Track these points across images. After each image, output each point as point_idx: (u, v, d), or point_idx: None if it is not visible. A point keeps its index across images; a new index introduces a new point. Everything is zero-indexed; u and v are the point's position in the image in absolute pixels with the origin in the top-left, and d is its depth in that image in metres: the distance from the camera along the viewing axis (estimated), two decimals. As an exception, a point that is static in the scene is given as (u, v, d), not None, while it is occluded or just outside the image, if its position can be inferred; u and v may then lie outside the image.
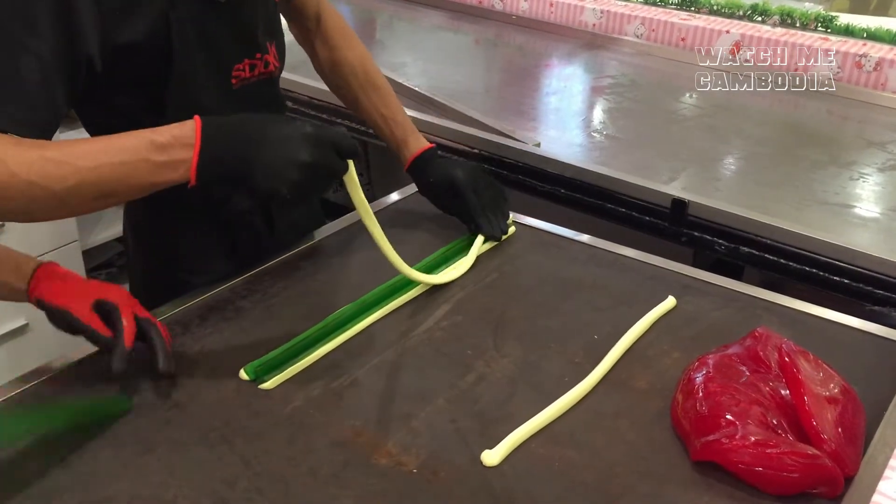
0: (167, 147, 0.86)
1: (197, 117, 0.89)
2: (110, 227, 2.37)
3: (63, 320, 0.93)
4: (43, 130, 0.91)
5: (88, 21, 0.91)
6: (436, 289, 1.18)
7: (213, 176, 0.88)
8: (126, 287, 1.12)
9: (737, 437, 0.83)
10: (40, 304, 0.94)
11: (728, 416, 0.85)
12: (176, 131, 0.87)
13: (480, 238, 1.27)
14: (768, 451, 0.82)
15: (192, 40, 1.03)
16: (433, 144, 1.33)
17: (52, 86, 0.90)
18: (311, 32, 1.34)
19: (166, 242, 1.23)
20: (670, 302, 1.15)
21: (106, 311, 0.93)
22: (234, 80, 1.11)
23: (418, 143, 1.32)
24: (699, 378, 0.91)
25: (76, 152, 0.85)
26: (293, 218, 1.29)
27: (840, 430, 0.85)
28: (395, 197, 1.47)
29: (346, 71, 1.33)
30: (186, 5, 1.01)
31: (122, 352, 0.90)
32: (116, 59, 0.97)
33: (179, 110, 1.03)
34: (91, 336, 0.92)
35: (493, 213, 1.29)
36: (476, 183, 1.29)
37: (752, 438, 0.83)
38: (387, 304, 1.13)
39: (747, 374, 0.92)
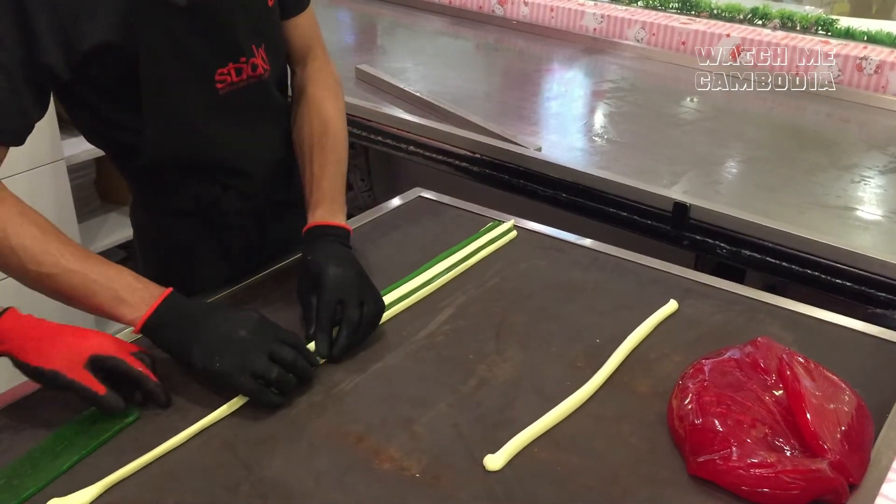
0: (138, 291, 0.96)
1: (169, 290, 0.97)
2: (113, 233, 2.37)
3: (52, 382, 0.88)
4: (15, 136, 0.98)
5: (46, 32, 0.94)
6: (438, 293, 1.18)
7: (155, 339, 0.97)
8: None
9: (732, 458, 0.83)
10: (14, 362, 0.89)
11: (722, 431, 0.84)
12: (150, 287, 0.97)
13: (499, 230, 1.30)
14: (764, 471, 0.81)
15: (159, 45, 1.02)
16: (346, 228, 1.15)
17: (20, 95, 0.95)
18: (296, 75, 1.29)
19: (164, 245, 1.24)
20: (672, 305, 1.15)
21: (105, 367, 0.90)
22: (219, 85, 1.09)
23: (327, 217, 1.14)
24: (693, 386, 0.91)
25: (66, 250, 0.96)
26: (289, 226, 1.29)
27: (844, 438, 0.85)
28: (396, 202, 1.48)
29: (304, 134, 1.22)
30: (149, 10, 1.00)
31: (161, 394, 0.93)
32: (86, 66, 0.98)
33: (159, 115, 1.06)
34: (83, 394, 0.88)
35: (346, 331, 1.04)
36: (343, 293, 1.05)
37: (748, 460, 0.82)
38: (389, 309, 1.13)
39: (746, 381, 0.91)
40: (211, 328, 0.95)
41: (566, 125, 1.91)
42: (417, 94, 1.97)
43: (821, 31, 2.21)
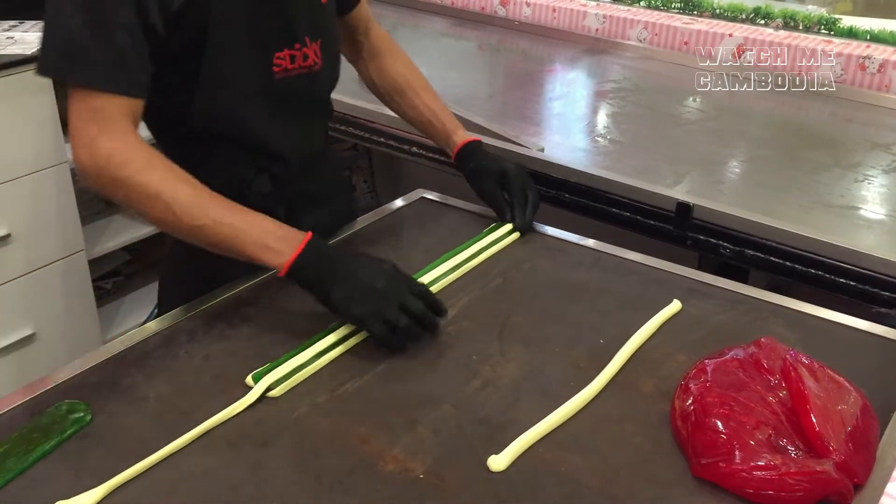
0: (281, 237, 1.04)
1: (309, 234, 1.06)
2: (117, 236, 2.38)
3: None
4: (144, 90, 1.04)
5: None
6: (441, 294, 1.18)
7: (299, 280, 1.05)
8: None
9: (735, 461, 0.82)
10: None
11: (725, 433, 0.84)
12: (291, 233, 1.05)
13: (502, 231, 1.34)
14: (768, 474, 0.81)
15: (230, 14, 1.08)
16: (479, 138, 1.44)
17: (142, 52, 1.03)
18: (361, 45, 1.42)
19: None
20: (675, 305, 1.15)
21: None
22: (275, 69, 1.15)
23: (465, 135, 1.42)
24: (696, 387, 0.91)
25: (216, 203, 1.04)
26: (316, 220, 1.31)
27: (849, 438, 0.84)
28: (398, 203, 1.48)
29: (396, 77, 1.43)
30: None
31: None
32: (171, 27, 1.04)
33: (214, 86, 1.11)
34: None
35: (531, 209, 1.37)
36: (524, 181, 1.37)
37: (751, 462, 0.82)
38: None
39: (749, 382, 0.91)
40: (350, 274, 1.04)
41: (569, 125, 1.91)
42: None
43: (823, 31, 2.21)
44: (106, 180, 1.01)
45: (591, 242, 1.34)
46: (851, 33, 2.16)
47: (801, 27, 2.24)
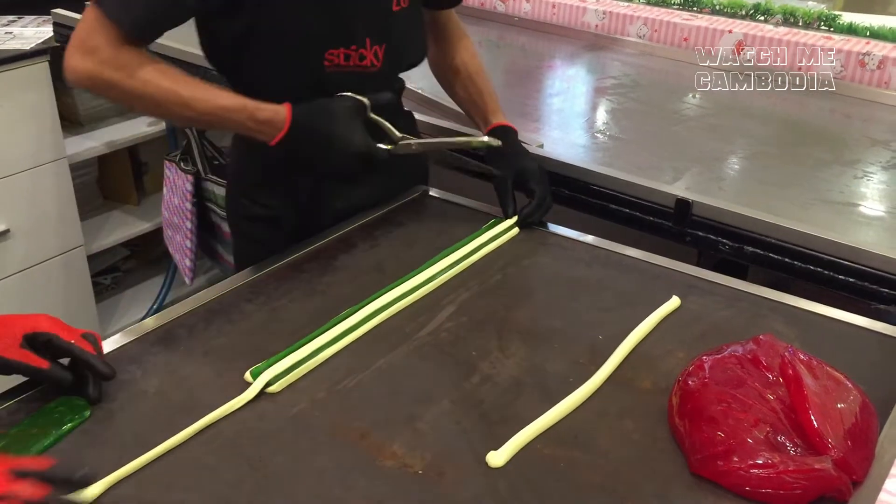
0: (264, 123, 1.16)
1: (288, 108, 1.17)
2: (115, 231, 2.38)
3: None
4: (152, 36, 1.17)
5: None
6: (440, 290, 1.18)
7: (287, 153, 1.19)
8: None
9: (733, 459, 0.82)
10: None
11: (722, 432, 0.84)
12: (270, 115, 1.16)
13: (502, 227, 1.35)
14: (766, 472, 0.81)
15: (277, 13, 1.18)
16: (515, 127, 1.46)
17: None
18: (437, 33, 1.50)
19: (240, 170, 1.45)
20: (675, 302, 1.15)
21: (42, 343, 0.91)
22: (326, 63, 1.24)
23: (503, 119, 1.46)
24: (693, 383, 0.91)
25: (202, 91, 1.15)
26: (347, 194, 1.39)
27: (848, 435, 0.84)
28: (399, 199, 1.47)
29: (455, 60, 1.50)
30: None
31: (99, 364, 0.92)
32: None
33: (263, 72, 1.25)
34: (27, 372, 0.90)
35: (542, 210, 1.38)
36: (546, 184, 1.39)
37: (749, 461, 0.82)
38: (391, 306, 1.13)
39: (746, 378, 0.91)
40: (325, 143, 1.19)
41: (568, 122, 1.90)
42: (420, 92, 1.96)
43: (823, 27, 2.21)
44: (101, 83, 1.11)
45: (590, 239, 1.34)
46: (851, 30, 2.16)
47: (800, 23, 2.24)
